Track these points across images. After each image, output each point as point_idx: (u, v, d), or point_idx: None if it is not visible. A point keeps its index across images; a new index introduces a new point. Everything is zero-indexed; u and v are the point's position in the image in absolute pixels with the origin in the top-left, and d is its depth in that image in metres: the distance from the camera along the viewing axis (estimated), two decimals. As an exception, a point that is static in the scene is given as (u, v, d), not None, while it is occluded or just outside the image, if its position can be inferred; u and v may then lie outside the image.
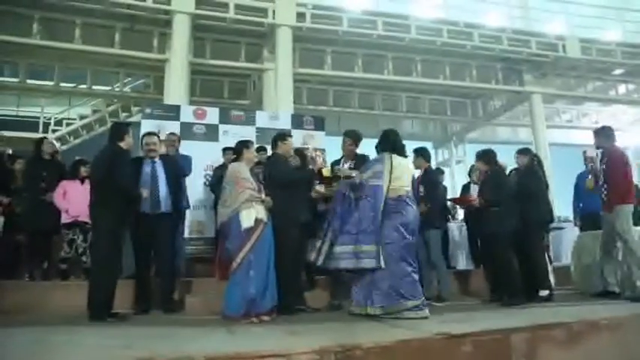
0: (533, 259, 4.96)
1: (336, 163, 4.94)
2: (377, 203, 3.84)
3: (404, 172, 4.04)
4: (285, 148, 4.64)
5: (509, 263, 4.67)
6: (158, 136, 4.86)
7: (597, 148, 5.23)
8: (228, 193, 4.07)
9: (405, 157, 4.22)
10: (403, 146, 4.20)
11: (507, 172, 5.44)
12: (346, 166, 4.74)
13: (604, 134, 5.18)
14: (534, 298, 4.73)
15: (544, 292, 4.88)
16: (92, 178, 4.38)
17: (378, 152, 4.19)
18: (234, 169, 4.15)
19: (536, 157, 5.48)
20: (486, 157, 5.09)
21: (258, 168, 4.85)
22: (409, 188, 4.04)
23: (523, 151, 5.39)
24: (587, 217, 6.02)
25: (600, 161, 5.09)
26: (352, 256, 3.85)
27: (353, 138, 4.91)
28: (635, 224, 5.01)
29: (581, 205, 6.21)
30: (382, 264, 3.71)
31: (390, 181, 3.89)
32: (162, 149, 5.04)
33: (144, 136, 4.83)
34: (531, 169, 5.27)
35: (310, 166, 5.18)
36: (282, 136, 4.73)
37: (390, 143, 4.14)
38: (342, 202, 4.07)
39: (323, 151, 6.83)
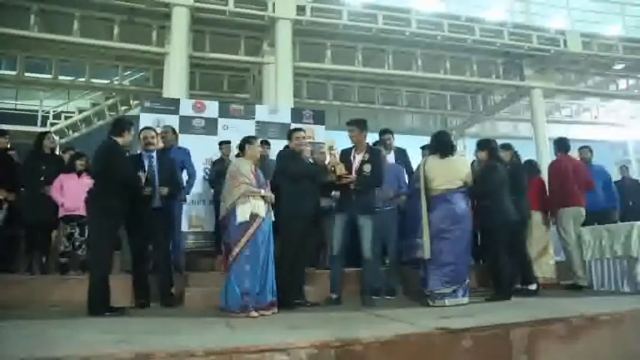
0: (519, 253, 5.02)
1: (346, 152, 4.70)
2: (416, 203, 4.36)
3: (440, 173, 4.33)
4: (296, 143, 4.69)
5: (496, 258, 4.65)
6: (155, 131, 4.85)
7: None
8: (227, 188, 4.09)
9: (446, 156, 4.43)
10: (446, 146, 4.48)
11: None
12: (358, 157, 4.59)
13: (555, 145, 5.91)
14: (523, 293, 4.78)
15: (532, 286, 4.92)
16: (91, 171, 4.42)
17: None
18: (233, 165, 4.17)
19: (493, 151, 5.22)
20: (487, 147, 4.85)
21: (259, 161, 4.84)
22: (452, 186, 4.30)
23: (482, 145, 4.92)
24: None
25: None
26: (409, 248, 4.46)
27: (359, 127, 4.67)
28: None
29: None
30: (427, 254, 4.18)
31: (425, 183, 4.34)
32: (161, 144, 5.03)
33: (142, 130, 4.82)
34: (517, 165, 5.29)
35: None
36: (293, 131, 4.85)
37: (432, 146, 4.58)
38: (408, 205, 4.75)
39: (323, 144, 6.80)
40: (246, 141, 4.28)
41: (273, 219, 4.18)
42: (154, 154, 4.67)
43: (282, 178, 4.54)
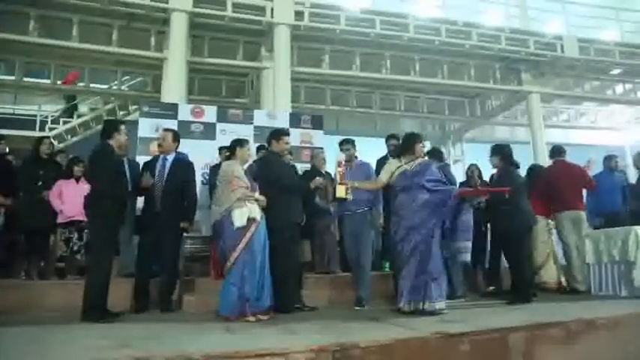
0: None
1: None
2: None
3: None
4: (281, 147, 4.53)
5: (521, 261, 4.78)
6: (174, 132, 4.84)
7: None
8: (221, 191, 4.05)
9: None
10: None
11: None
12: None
13: (551, 152, 6.02)
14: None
15: None
16: (88, 176, 4.46)
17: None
18: (228, 168, 4.13)
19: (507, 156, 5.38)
20: (501, 152, 5.04)
21: (252, 166, 4.84)
22: None
23: (495, 151, 5.19)
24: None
25: None
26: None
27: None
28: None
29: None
30: None
31: None
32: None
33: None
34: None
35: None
36: (277, 133, 4.60)
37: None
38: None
39: (322, 149, 6.80)
40: (237, 143, 4.26)
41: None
42: (169, 157, 4.65)
43: (268, 185, 4.26)
